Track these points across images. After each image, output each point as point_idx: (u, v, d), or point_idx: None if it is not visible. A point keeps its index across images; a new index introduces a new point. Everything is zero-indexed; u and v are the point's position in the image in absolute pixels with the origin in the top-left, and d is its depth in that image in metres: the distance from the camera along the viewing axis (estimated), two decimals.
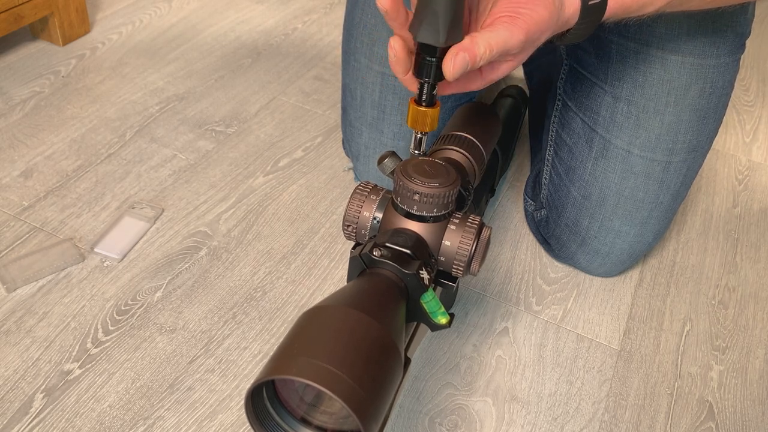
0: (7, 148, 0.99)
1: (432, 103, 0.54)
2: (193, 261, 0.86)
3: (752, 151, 1.20)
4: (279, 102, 1.16)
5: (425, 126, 0.55)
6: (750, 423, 0.76)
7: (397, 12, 0.49)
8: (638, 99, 0.77)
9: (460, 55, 0.47)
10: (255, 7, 1.43)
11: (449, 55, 0.48)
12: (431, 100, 0.53)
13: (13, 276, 0.80)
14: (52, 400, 0.69)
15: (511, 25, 0.48)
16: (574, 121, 0.84)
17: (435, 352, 0.79)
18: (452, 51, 0.47)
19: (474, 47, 0.47)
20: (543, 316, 0.85)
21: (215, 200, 0.95)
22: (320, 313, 0.44)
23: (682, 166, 0.80)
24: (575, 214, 0.86)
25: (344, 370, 0.39)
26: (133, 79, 1.17)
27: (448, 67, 0.47)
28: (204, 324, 0.78)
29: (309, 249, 0.90)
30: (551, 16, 0.49)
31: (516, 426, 0.73)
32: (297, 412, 0.46)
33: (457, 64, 0.47)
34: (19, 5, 1.10)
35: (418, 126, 0.55)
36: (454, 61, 0.47)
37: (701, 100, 0.77)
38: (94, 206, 0.92)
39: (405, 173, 0.53)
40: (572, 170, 0.85)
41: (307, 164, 1.03)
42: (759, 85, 1.39)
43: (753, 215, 1.06)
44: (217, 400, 0.71)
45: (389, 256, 0.51)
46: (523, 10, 0.48)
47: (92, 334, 0.76)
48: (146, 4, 1.39)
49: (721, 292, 0.92)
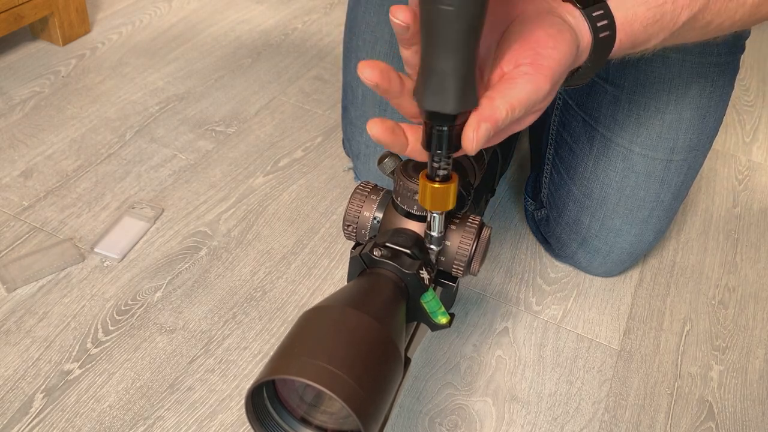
0: (7, 148, 0.99)
1: (449, 177, 0.45)
2: (193, 261, 0.86)
3: (752, 151, 1.20)
4: (279, 102, 1.16)
5: (445, 205, 0.46)
6: (750, 423, 0.76)
7: (389, 82, 0.41)
8: (639, 97, 0.77)
9: (482, 126, 0.39)
10: (255, 7, 1.43)
11: (468, 128, 0.40)
12: (448, 173, 0.45)
13: (13, 276, 0.80)
14: (52, 400, 0.69)
15: (535, 74, 0.40)
16: (575, 119, 0.84)
17: (435, 352, 0.79)
18: (471, 123, 0.40)
19: (495, 113, 0.40)
20: (543, 316, 0.85)
21: (215, 200, 0.95)
22: (320, 313, 0.44)
23: (683, 165, 0.80)
24: (576, 212, 0.86)
25: (344, 370, 0.39)
26: (133, 79, 1.17)
27: (469, 142, 0.40)
28: (204, 324, 0.78)
29: (309, 249, 0.90)
30: (572, 51, 0.43)
31: (516, 426, 0.73)
32: (297, 411, 0.46)
33: (479, 137, 0.39)
34: (19, 5, 1.10)
35: (435, 206, 0.46)
36: (476, 135, 0.39)
37: (702, 99, 0.77)
38: (94, 206, 0.91)
39: (405, 173, 0.53)
40: (573, 169, 0.85)
41: (307, 164, 1.03)
42: (759, 85, 1.39)
43: (753, 215, 1.05)
44: (217, 400, 0.71)
45: (389, 256, 0.51)
46: (545, 52, 0.41)
47: (92, 334, 0.76)
48: (146, 4, 1.39)
49: (721, 292, 0.92)
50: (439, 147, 0.42)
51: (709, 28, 0.51)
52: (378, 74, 0.40)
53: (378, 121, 0.42)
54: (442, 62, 0.38)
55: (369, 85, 0.40)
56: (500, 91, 0.40)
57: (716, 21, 0.51)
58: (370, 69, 0.39)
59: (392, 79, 0.41)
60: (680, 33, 0.50)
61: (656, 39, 0.49)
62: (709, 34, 0.53)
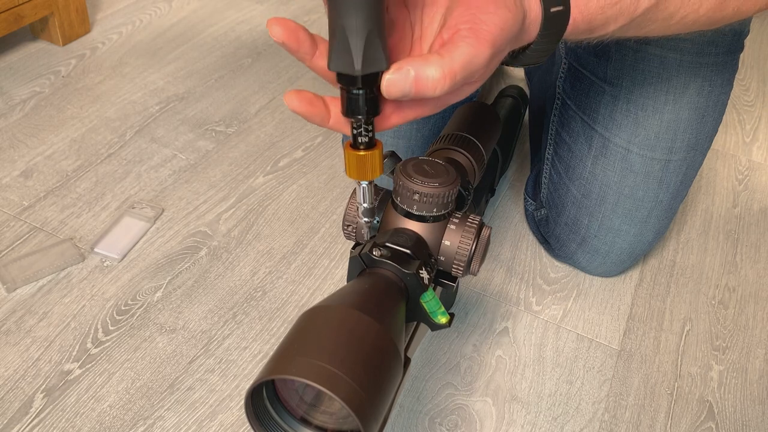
0: (7, 148, 0.99)
1: (372, 144, 0.43)
2: (193, 261, 0.86)
3: (752, 151, 1.20)
4: (279, 102, 1.16)
5: (368, 173, 0.45)
6: (750, 423, 0.76)
7: (297, 41, 0.38)
8: (637, 97, 0.77)
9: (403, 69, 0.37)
10: (255, 7, 1.43)
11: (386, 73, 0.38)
12: (370, 140, 0.43)
13: (13, 276, 0.80)
14: (52, 400, 0.69)
15: (475, 39, 0.38)
16: (574, 119, 0.84)
17: (435, 352, 0.79)
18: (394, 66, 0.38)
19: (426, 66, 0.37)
20: (543, 316, 0.85)
21: (215, 200, 0.95)
22: (320, 313, 0.44)
23: (682, 165, 0.80)
24: (575, 212, 0.86)
25: (344, 370, 0.39)
26: (133, 79, 1.17)
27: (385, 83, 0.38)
28: (204, 324, 0.78)
29: (309, 249, 0.90)
30: (515, 18, 0.40)
31: (516, 426, 0.73)
32: (297, 412, 0.46)
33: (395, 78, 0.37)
34: (19, 5, 1.10)
35: (361, 174, 0.44)
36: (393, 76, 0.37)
37: (700, 99, 0.77)
38: (94, 206, 0.92)
39: (405, 173, 0.53)
40: (572, 169, 0.85)
41: (307, 164, 1.03)
42: (759, 85, 1.39)
43: (753, 215, 1.05)
44: (217, 400, 0.71)
45: (389, 255, 0.51)
46: (484, 17, 0.38)
47: (92, 334, 0.76)
48: (146, 4, 1.39)
49: (721, 292, 0.92)
50: (356, 111, 0.41)
51: (671, 21, 0.50)
52: (286, 32, 0.37)
53: (294, 93, 0.40)
54: (344, 20, 0.36)
55: (277, 42, 0.38)
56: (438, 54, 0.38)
57: (679, 14, 0.49)
58: (278, 26, 0.37)
59: (301, 39, 0.38)
60: (642, 23, 0.48)
61: (615, 24, 0.47)
62: (672, 28, 0.51)
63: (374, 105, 0.41)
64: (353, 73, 0.39)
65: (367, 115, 0.41)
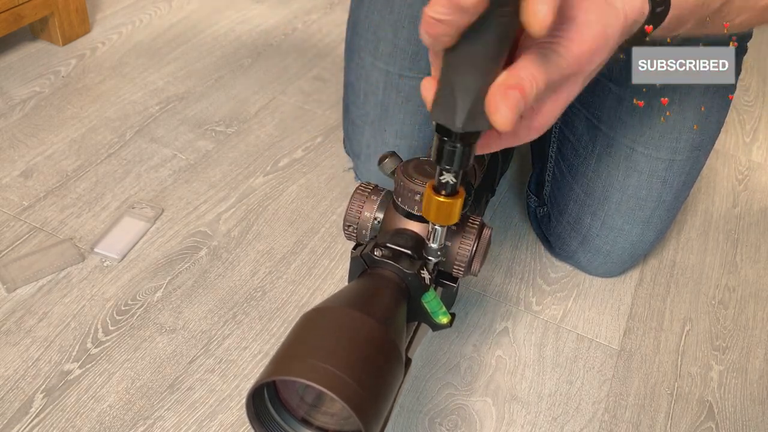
0: (7, 148, 0.99)
1: (455, 191, 0.44)
2: (193, 261, 0.86)
3: (752, 151, 1.20)
4: (279, 102, 1.16)
5: (449, 219, 0.45)
6: (750, 423, 0.76)
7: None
8: (642, 97, 0.77)
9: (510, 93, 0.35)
10: (255, 7, 1.43)
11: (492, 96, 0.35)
12: (455, 189, 0.43)
13: (13, 276, 0.80)
14: (52, 400, 0.69)
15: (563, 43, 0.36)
16: (578, 117, 0.84)
17: (435, 352, 0.79)
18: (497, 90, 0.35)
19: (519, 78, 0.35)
20: (543, 316, 0.85)
21: (215, 200, 0.95)
22: (321, 314, 0.44)
23: (685, 165, 0.80)
24: (577, 211, 0.86)
25: (345, 371, 0.39)
26: (133, 79, 1.17)
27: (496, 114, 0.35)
28: (204, 324, 0.78)
29: (309, 249, 0.90)
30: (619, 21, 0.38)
31: (516, 426, 0.73)
32: (298, 412, 0.46)
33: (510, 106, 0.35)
34: (19, 5, 1.10)
35: (438, 219, 0.45)
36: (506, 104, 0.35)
37: (704, 99, 0.77)
38: (94, 206, 0.91)
39: (406, 173, 0.53)
40: (575, 167, 0.85)
41: (307, 164, 1.03)
42: (759, 85, 1.39)
43: (753, 215, 1.05)
44: (217, 400, 0.71)
45: (390, 256, 0.51)
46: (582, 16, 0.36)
47: (92, 334, 0.76)
48: (146, 4, 1.39)
49: (721, 292, 0.92)
50: (448, 162, 0.41)
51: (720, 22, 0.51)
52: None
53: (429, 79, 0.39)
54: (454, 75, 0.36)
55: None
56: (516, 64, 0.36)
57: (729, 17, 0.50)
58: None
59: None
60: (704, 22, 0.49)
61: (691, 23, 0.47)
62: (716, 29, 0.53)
63: (467, 160, 0.40)
64: (453, 129, 0.38)
65: (458, 168, 0.41)
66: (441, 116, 0.38)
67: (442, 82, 0.37)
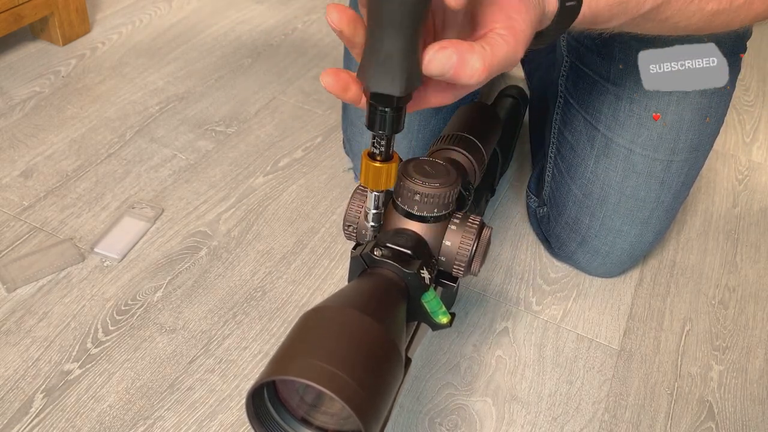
0: (7, 148, 0.99)
1: (389, 156, 0.45)
2: (193, 261, 0.86)
3: (752, 151, 1.20)
4: (279, 102, 1.16)
5: (382, 183, 0.47)
6: (750, 423, 0.76)
7: (355, 31, 0.39)
8: (641, 97, 0.77)
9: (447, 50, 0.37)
10: (255, 7, 1.43)
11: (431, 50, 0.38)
12: (388, 154, 0.45)
13: (13, 276, 0.80)
14: (52, 400, 0.69)
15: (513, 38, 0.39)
16: (576, 118, 0.84)
17: (435, 352, 0.79)
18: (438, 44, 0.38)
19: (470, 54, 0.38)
20: (543, 316, 0.85)
21: (215, 200, 0.95)
22: (321, 314, 0.44)
23: (684, 166, 0.80)
24: (576, 212, 0.86)
25: (345, 371, 0.39)
26: (133, 79, 1.17)
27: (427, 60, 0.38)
28: (204, 324, 0.78)
29: (309, 249, 0.90)
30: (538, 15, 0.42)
31: (516, 426, 0.73)
32: (298, 412, 0.45)
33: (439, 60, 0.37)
34: (19, 5, 1.10)
35: (374, 184, 0.47)
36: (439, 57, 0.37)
37: (703, 99, 0.77)
38: (94, 206, 0.91)
39: (406, 173, 0.53)
40: (574, 168, 0.85)
41: (307, 164, 1.03)
42: (759, 85, 1.39)
43: (753, 215, 1.06)
44: (217, 400, 0.71)
45: (390, 255, 0.51)
46: (516, 16, 0.40)
47: (92, 334, 0.76)
48: (146, 4, 1.39)
49: (721, 292, 0.92)
50: (381, 128, 0.42)
51: (665, 24, 0.53)
52: (345, 20, 0.38)
53: (332, 71, 0.41)
54: (388, 43, 0.36)
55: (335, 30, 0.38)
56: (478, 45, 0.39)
57: (674, 19, 0.52)
58: (338, 13, 0.38)
59: (358, 30, 0.39)
60: (640, 22, 0.51)
61: (617, 21, 0.50)
62: (664, 30, 0.55)
63: (400, 122, 0.42)
64: (395, 95, 0.39)
65: (392, 132, 0.42)
66: (380, 85, 0.38)
67: (373, 53, 0.38)
